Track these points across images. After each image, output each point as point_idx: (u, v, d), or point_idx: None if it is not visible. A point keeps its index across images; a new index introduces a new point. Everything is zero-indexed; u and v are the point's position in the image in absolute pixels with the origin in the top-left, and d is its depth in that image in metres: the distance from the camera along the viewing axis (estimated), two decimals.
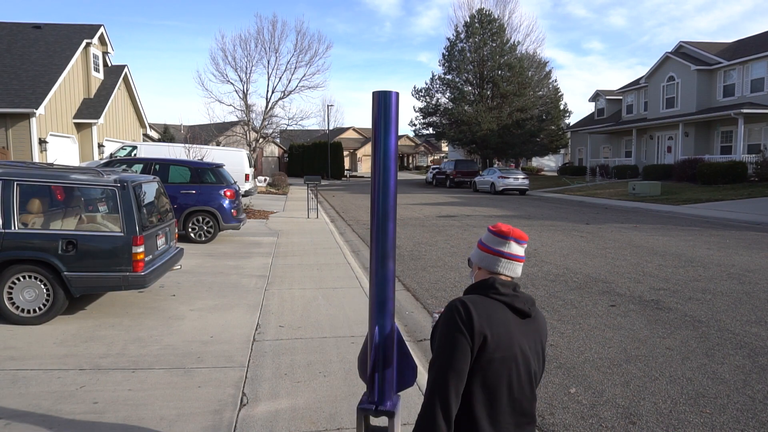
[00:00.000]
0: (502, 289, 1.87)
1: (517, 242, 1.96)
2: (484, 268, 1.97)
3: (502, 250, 1.95)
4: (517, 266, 1.96)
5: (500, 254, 1.95)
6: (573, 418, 3.55)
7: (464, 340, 1.74)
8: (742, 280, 7.49)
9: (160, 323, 5.21)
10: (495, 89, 40.59)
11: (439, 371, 1.74)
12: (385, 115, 2.24)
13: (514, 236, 1.95)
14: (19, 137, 17.69)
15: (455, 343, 1.74)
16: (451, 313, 1.79)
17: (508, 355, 1.79)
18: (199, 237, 10.30)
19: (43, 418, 3.27)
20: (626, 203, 21.24)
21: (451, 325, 1.77)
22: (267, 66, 33.04)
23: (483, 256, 1.98)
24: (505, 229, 1.97)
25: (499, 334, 1.77)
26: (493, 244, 1.97)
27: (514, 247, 1.96)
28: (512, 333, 1.81)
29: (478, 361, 1.75)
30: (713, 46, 30.06)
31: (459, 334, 1.74)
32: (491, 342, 1.76)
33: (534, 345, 1.88)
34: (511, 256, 1.95)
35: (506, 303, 1.85)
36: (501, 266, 1.95)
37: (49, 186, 5.38)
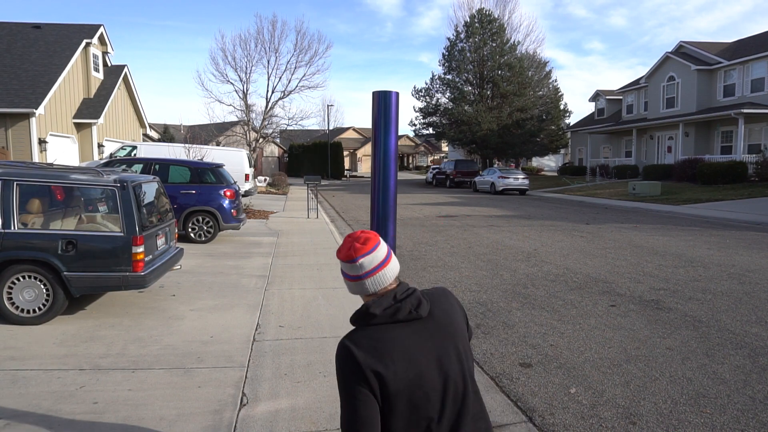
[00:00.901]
0: (378, 310, 1.69)
1: (365, 256, 1.74)
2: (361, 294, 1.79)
3: (358, 274, 1.75)
4: (383, 274, 1.76)
5: (359, 278, 1.75)
6: (573, 418, 3.55)
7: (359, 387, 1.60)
8: (742, 280, 7.48)
9: (160, 323, 5.21)
10: (495, 89, 40.60)
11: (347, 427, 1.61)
12: (385, 115, 2.24)
13: (359, 255, 1.74)
14: (18, 137, 17.69)
15: (347, 391, 1.62)
16: (337, 360, 1.67)
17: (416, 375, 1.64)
18: (199, 237, 10.30)
19: (43, 418, 3.27)
20: (626, 203, 21.24)
21: (342, 375, 1.64)
22: (267, 66, 33.06)
23: (351, 285, 1.79)
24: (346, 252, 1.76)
25: (394, 362, 1.62)
26: (348, 270, 1.78)
27: (366, 263, 1.74)
28: (410, 349, 1.66)
29: (387, 398, 1.62)
30: (713, 46, 30.06)
31: (350, 382, 1.61)
32: (388, 374, 1.61)
33: (444, 341, 1.73)
34: (369, 273, 1.74)
35: (389, 323, 1.69)
36: (369, 286, 1.75)
37: (49, 186, 5.37)
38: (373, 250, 1.76)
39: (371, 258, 1.75)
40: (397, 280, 1.81)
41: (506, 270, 8.27)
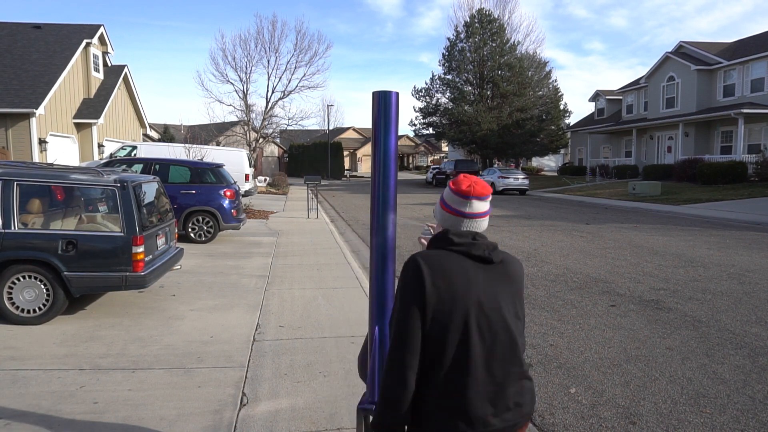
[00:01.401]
0: (458, 239, 1.77)
1: (479, 200, 1.83)
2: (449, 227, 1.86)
3: (463, 211, 1.83)
4: (482, 222, 1.85)
5: (462, 215, 1.83)
6: (573, 418, 3.55)
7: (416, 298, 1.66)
8: (742, 280, 7.49)
9: (160, 323, 5.21)
10: (495, 89, 40.60)
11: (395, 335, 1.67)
12: (385, 115, 2.24)
13: (475, 195, 1.82)
14: (19, 137, 17.70)
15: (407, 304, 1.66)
16: (404, 270, 1.71)
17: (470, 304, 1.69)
18: (199, 237, 10.30)
19: (43, 418, 3.27)
20: (626, 203, 21.24)
21: (404, 284, 1.69)
22: (267, 66, 33.07)
23: (445, 216, 1.86)
24: (465, 187, 1.83)
25: (455, 286, 1.67)
26: (454, 204, 1.84)
27: (476, 205, 1.83)
28: (471, 282, 1.70)
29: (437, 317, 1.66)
30: (713, 46, 30.06)
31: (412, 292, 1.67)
32: (446, 295, 1.66)
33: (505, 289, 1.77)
34: (473, 215, 1.83)
35: (463, 252, 1.75)
36: (464, 226, 1.83)
37: (49, 186, 5.37)
38: (486, 199, 1.84)
39: (481, 204, 1.83)
40: None
41: None
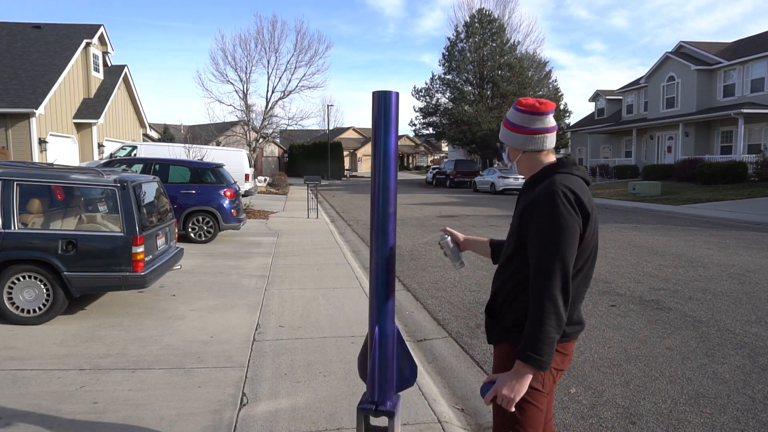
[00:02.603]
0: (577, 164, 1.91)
1: (551, 113, 1.93)
2: (531, 150, 1.94)
3: (542, 127, 1.91)
4: (554, 136, 1.96)
5: (542, 131, 1.91)
6: (573, 418, 3.55)
7: (576, 226, 1.75)
8: (742, 280, 7.48)
9: (160, 323, 5.21)
10: (495, 89, 40.60)
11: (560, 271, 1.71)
12: (385, 115, 2.24)
13: (548, 110, 1.91)
14: (19, 137, 17.70)
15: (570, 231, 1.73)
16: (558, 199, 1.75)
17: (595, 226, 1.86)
18: (199, 237, 10.30)
19: (43, 418, 3.27)
20: (626, 203, 21.24)
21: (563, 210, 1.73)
22: (267, 66, 33.14)
23: (525, 139, 1.93)
24: (539, 105, 1.91)
25: (591, 209, 1.81)
26: (530, 123, 1.91)
27: (550, 120, 1.93)
28: (593, 204, 1.85)
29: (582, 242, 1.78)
30: (713, 46, 30.06)
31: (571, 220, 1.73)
32: (591, 220, 1.80)
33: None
34: (551, 129, 1.93)
35: (582, 177, 1.90)
36: (548, 142, 1.93)
37: (49, 186, 5.37)
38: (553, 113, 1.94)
39: (552, 118, 1.95)
40: None
41: None
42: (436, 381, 4.17)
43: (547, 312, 1.69)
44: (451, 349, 4.95)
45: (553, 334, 1.70)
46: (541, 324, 1.70)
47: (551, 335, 1.70)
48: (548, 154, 1.96)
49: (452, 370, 4.45)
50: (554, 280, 1.70)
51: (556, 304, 1.70)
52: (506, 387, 1.75)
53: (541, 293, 1.71)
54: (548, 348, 1.71)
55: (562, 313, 1.71)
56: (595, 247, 1.87)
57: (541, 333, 1.70)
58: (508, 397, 1.75)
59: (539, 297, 1.71)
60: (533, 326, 1.71)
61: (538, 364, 1.71)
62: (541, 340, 1.70)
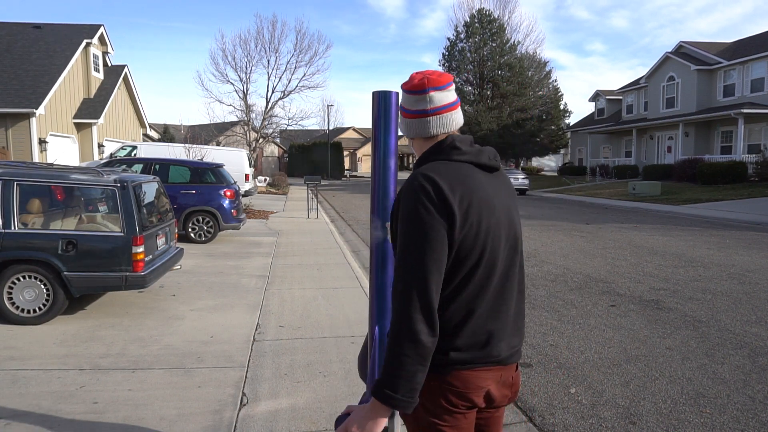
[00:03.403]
0: (464, 146, 1.53)
1: (438, 90, 1.55)
2: (419, 137, 1.61)
3: (424, 108, 1.55)
4: (450, 116, 1.57)
5: (423, 113, 1.56)
6: (573, 418, 3.55)
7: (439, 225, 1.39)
8: (742, 280, 7.48)
9: (160, 323, 5.21)
10: (495, 89, 40.60)
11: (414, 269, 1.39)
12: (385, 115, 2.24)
13: (431, 85, 1.54)
14: (19, 137, 17.70)
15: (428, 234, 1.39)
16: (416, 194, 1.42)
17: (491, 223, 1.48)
18: (199, 237, 10.30)
19: (43, 418, 3.27)
20: (626, 203, 21.24)
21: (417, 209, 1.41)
22: (267, 66, 33.14)
23: (409, 123, 1.60)
24: (418, 81, 1.55)
25: (478, 201, 1.45)
26: (412, 105, 1.58)
27: (438, 97, 1.55)
28: (489, 196, 1.50)
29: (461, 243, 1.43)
30: (713, 46, 30.06)
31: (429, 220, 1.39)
32: (472, 215, 1.43)
33: (509, 201, 1.59)
34: (435, 110, 1.55)
35: (472, 162, 1.53)
36: (433, 125, 1.56)
37: (49, 186, 5.37)
38: (446, 87, 1.56)
39: (443, 95, 1.56)
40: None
41: None
42: None
43: (401, 340, 1.37)
44: None
45: (410, 367, 1.37)
46: (395, 352, 1.38)
47: (408, 368, 1.37)
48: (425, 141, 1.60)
49: None
50: (409, 299, 1.37)
51: (413, 329, 1.36)
52: (356, 424, 1.45)
53: (396, 316, 1.39)
54: (405, 384, 1.38)
55: (424, 340, 1.37)
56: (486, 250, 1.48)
57: (394, 366, 1.38)
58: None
59: (394, 321, 1.40)
60: (388, 357, 1.39)
61: (392, 402, 1.39)
62: (396, 375, 1.38)
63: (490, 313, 1.51)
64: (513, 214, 1.58)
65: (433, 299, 1.39)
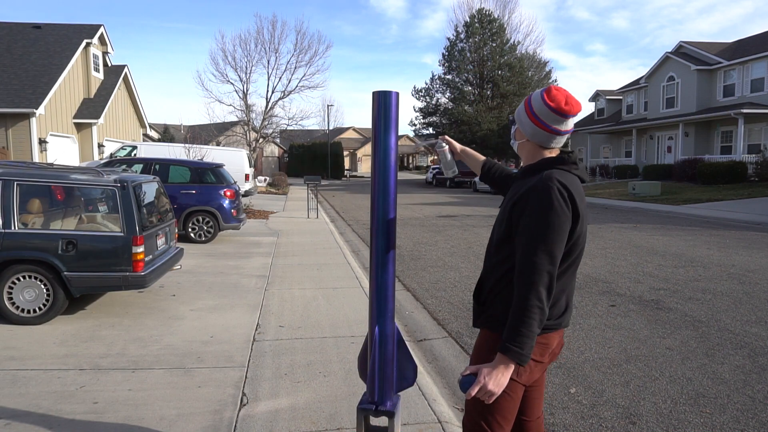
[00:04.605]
0: (579, 164, 1.90)
1: (574, 117, 1.88)
2: (534, 142, 1.92)
3: (560, 129, 1.87)
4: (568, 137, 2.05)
5: (557, 132, 1.87)
6: (573, 418, 3.55)
7: (567, 223, 1.74)
8: (742, 280, 7.48)
9: (160, 323, 5.21)
10: (495, 89, 40.62)
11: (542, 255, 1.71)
12: (385, 115, 2.24)
13: (573, 113, 1.86)
14: (19, 137, 17.70)
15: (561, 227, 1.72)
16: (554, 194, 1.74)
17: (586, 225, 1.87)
18: (199, 237, 10.30)
19: (43, 418, 3.27)
20: (626, 203, 21.24)
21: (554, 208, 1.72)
22: (267, 66, 33.20)
23: (536, 131, 1.89)
24: (565, 105, 1.85)
25: (584, 207, 1.82)
26: (549, 121, 1.86)
27: (571, 123, 1.89)
28: (585, 203, 1.86)
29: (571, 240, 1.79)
30: (713, 46, 30.05)
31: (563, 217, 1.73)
32: (582, 219, 1.81)
33: None
34: (566, 132, 1.89)
35: (580, 177, 1.89)
36: (554, 143, 1.90)
37: (49, 186, 5.37)
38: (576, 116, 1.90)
39: (573, 121, 1.90)
40: None
41: None
42: (436, 381, 4.17)
43: (531, 306, 1.69)
44: (451, 349, 4.95)
45: (535, 329, 1.70)
46: (525, 318, 1.69)
47: (533, 329, 1.70)
48: (553, 151, 1.95)
49: (452, 370, 4.44)
50: (541, 276, 1.70)
51: (541, 299, 1.69)
52: (491, 381, 1.72)
53: (526, 287, 1.70)
54: (530, 342, 1.70)
55: (546, 309, 1.71)
56: (582, 246, 1.89)
57: (523, 326, 1.69)
58: (492, 392, 1.73)
59: (524, 291, 1.71)
60: (516, 319, 1.71)
61: (518, 357, 1.70)
62: (523, 334, 1.69)
63: (570, 292, 1.93)
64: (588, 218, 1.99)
65: (555, 278, 1.74)
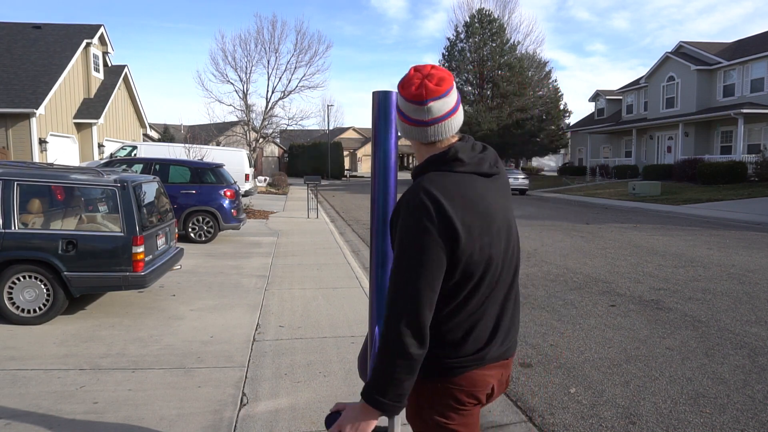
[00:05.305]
0: (466, 157, 1.50)
1: (436, 100, 1.49)
2: (414, 141, 1.58)
3: (420, 119, 1.52)
4: (449, 123, 1.52)
5: (420, 123, 1.52)
6: (573, 418, 3.55)
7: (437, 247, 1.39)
8: (742, 280, 7.48)
9: (160, 323, 5.21)
10: (495, 89, 40.61)
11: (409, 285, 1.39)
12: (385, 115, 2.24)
13: (430, 96, 1.48)
14: (19, 137, 17.70)
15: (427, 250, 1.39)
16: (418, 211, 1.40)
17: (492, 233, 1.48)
18: (199, 237, 10.30)
19: (43, 418, 3.27)
20: (626, 203, 21.24)
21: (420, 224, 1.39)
22: (267, 66, 33.15)
23: (404, 127, 1.58)
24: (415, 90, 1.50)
25: (480, 215, 1.45)
26: (409, 112, 1.54)
27: (437, 107, 1.50)
28: (490, 205, 1.49)
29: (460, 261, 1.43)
30: (713, 46, 30.06)
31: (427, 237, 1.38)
32: (474, 230, 1.43)
33: (506, 203, 1.59)
34: (437, 119, 1.51)
35: (474, 172, 1.51)
36: (431, 134, 1.53)
37: (49, 186, 5.37)
38: (446, 94, 1.51)
39: (442, 103, 1.50)
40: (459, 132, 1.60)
41: None
42: None
43: (390, 351, 1.41)
44: None
45: (398, 376, 1.41)
46: (386, 360, 1.42)
47: (396, 376, 1.41)
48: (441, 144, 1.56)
49: None
50: (400, 315, 1.39)
51: (401, 342, 1.39)
52: (348, 424, 1.49)
53: (386, 327, 1.41)
54: (393, 389, 1.42)
55: (412, 353, 1.39)
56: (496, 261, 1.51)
57: (383, 373, 1.42)
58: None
59: (385, 332, 1.42)
60: (378, 364, 1.44)
61: (379, 405, 1.44)
62: (385, 381, 1.42)
63: (495, 316, 1.55)
64: (509, 216, 1.59)
65: (423, 316, 1.40)
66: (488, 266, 1.49)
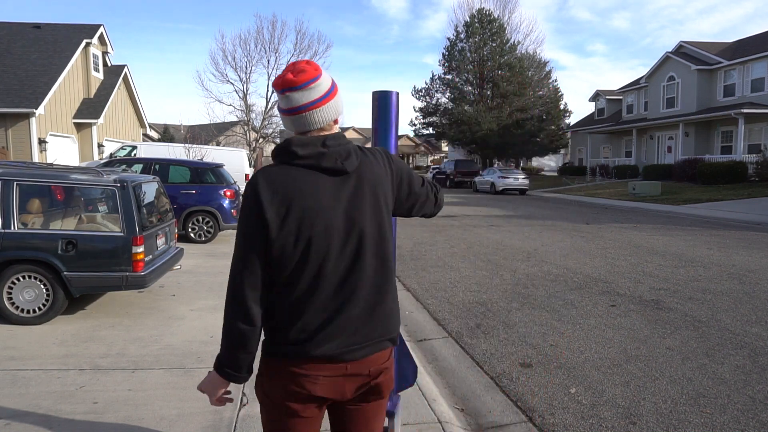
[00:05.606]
0: (302, 151, 1.53)
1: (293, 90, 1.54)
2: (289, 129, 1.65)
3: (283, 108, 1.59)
4: (316, 113, 1.56)
5: (286, 112, 1.58)
6: (573, 418, 3.54)
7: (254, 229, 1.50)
8: (742, 280, 7.48)
9: (160, 323, 5.21)
10: (495, 89, 40.62)
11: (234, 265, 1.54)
12: (385, 115, 2.24)
13: (286, 86, 1.54)
14: (18, 137, 17.71)
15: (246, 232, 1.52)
16: (245, 195, 1.54)
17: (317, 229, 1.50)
18: (199, 237, 10.30)
19: (43, 418, 3.27)
20: (626, 203, 21.25)
21: (243, 210, 1.54)
22: (267, 66, 33.27)
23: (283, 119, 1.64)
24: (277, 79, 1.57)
25: (302, 210, 1.49)
26: (279, 102, 1.61)
27: (294, 98, 1.54)
28: (320, 201, 1.51)
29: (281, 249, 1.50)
30: (713, 46, 30.06)
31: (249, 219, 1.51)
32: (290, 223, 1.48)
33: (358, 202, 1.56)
34: (297, 109, 1.55)
35: (312, 167, 1.53)
36: (298, 125, 1.58)
37: (48, 186, 5.37)
38: (304, 86, 1.54)
39: (300, 94, 1.54)
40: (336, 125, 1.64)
41: (506, 270, 8.27)
42: (436, 381, 4.17)
43: (224, 325, 1.56)
44: (451, 349, 4.94)
45: (231, 341, 1.54)
46: (222, 336, 1.57)
47: (228, 342, 1.54)
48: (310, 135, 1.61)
49: (452, 370, 4.44)
50: (228, 291, 1.55)
51: (228, 317, 1.53)
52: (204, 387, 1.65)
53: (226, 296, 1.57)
54: (229, 360, 1.56)
55: (240, 327, 1.51)
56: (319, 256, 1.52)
57: (222, 345, 1.57)
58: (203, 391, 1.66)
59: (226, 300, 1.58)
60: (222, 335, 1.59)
61: (223, 373, 1.58)
62: (223, 353, 1.57)
63: (326, 312, 1.54)
64: (358, 215, 1.56)
65: (242, 293, 1.50)
66: (306, 260, 1.51)
